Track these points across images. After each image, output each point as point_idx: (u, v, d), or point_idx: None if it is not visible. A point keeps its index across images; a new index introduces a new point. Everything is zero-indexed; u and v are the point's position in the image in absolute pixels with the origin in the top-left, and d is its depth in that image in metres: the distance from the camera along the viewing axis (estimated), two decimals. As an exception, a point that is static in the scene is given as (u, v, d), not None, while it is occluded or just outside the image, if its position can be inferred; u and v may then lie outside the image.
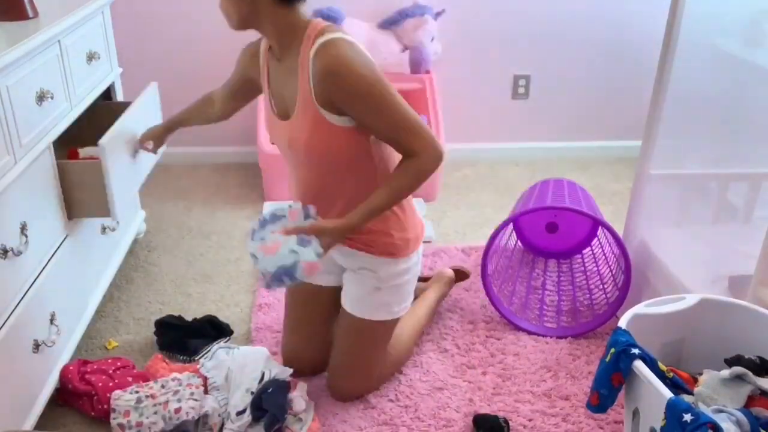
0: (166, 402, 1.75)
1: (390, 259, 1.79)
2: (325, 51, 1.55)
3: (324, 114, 1.59)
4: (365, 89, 1.55)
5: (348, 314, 1.86)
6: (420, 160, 1.62)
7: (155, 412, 1.73)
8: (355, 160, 1.68)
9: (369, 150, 1.68)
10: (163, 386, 1.81)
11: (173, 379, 1.83)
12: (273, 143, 1.76)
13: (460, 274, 2.37)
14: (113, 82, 2.37)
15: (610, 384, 1.44)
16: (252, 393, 1.81)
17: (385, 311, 1.85)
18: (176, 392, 1.78)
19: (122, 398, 1.77)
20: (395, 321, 1.90)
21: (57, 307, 1.83)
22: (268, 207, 1.73)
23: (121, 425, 1.73)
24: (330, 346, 1.96)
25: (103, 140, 1.86)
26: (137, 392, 1.78)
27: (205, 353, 2.04)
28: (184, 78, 3.12)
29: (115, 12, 2.40)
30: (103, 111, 2.26)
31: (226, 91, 1.94)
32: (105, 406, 1.81)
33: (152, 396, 1.77)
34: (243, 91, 1.91)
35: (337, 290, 1.92)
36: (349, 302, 1.87)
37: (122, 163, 1.98)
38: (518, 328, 2.21)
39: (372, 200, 1.64)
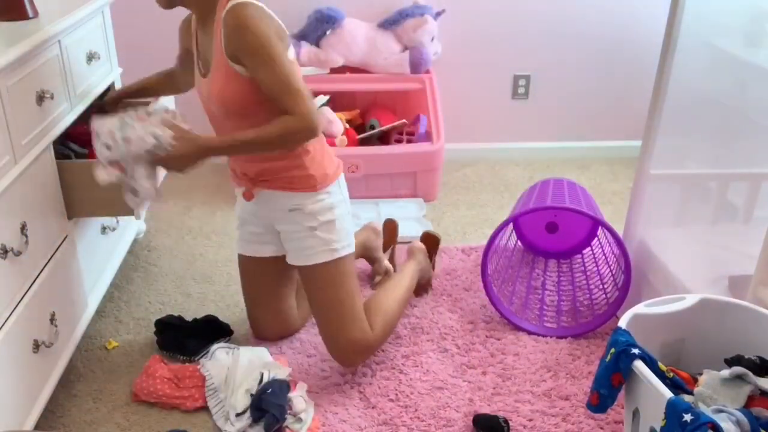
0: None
1: (312, 193, 1.90)
2: (232, 11, 1.72)
3: (233, 66, 1.75)
4: (258, 45, 1.71)
5: (299, 269, 1.97)
6: (292, 119, 1.73)
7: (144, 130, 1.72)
8: (262, 109, 1.80)
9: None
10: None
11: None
12: (201, 100, 1.95)
13: (432, 239, 2.42)
14: (113, 82, 2.37)
15: (610, 384, 1.44)
16: (251, 394, 1.82)
17: (327, 250, 1.91)
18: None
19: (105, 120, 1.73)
20: (345, 260, 1.94)
21: (57, 307, 1.83)
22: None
23: (107, 145, 1.71)
24: (291, 311, 2.12)
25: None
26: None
27: (205, 353, 2.04)
28: (184, 78, 3.12)
29: (115, 12, 2.40)
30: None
31: (180, 66, 2.14)
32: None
33: (140, 119, 1.74)
34: (189, 62, 2.03)
35: (280, 259, 2.03)
36: (293, 256, 1.97)
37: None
38: (518, 328, 2.21)
39: (238, 134, 1.78)
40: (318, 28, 3.01)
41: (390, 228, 2.52)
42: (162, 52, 3.17)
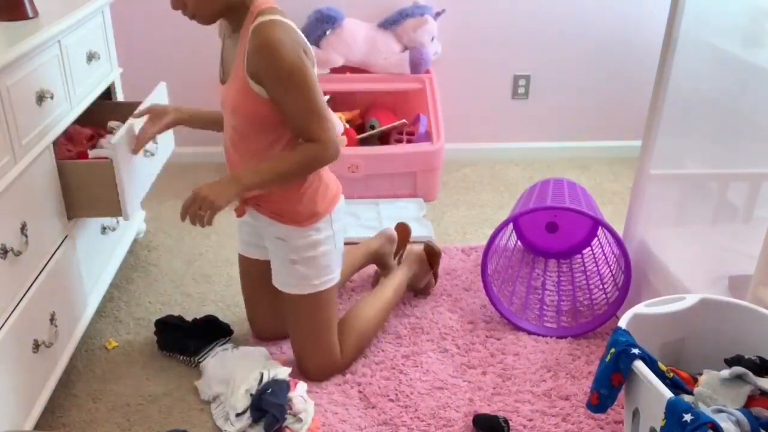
0: None
1: (297, 228, 1.87)
2: (260, 30, 1.67)
3: (252, 85, 1.72)
4: (286, 72, 1.67)
5: (278, 290, 1.97)
6: (316, 147, 1.74)
7: None
8: (272, 126, 1.78)
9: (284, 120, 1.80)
10: None
11: None
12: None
13: (431, 253, 2.37)
14: (113, 82, 2.37)
15: (610, 384, 1.44)
16: (251, 394, 1.81)
17: (305, 285, 1.91)
18: None
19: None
20: (323, 295, 1.93)
21: (57, 307, 1.83)
22: None
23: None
24: (276, 316, 2.08)
25: (114, 140, 1.86)
26: None
27: (205, 353, 2.04)
28: (184, 78, 3.12)
29: (115, 12, 2.40)
30: (104, 111, 2.26)
31: None
32: None
33: None
34: None
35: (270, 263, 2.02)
36: (273, 276, 1.97)
37: (133, 163, 1.98)
38: (518, 328, 2.21)
39: (264, 163, 1.77)
40: (318, 28, 3.01)
41: (402, 232, 2.46)
42: (162, 52, 3.18)
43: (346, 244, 2.07)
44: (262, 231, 1.96)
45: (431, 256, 2.35)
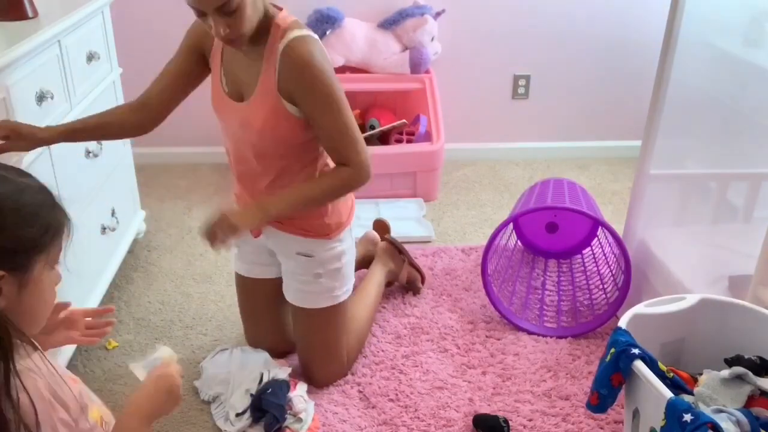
0: None
1: (325, 240, 1.83)
2: (295, 48, 1.61)
3: (285, 105, 1.66)
4: (324, 93, 1.63)
5: (295, 307, 1.92)
6: (351, 171, 1.70)
7: None
8: (302, 149, 1.74)
9: (315, 141, 1.75)
10: None
11: None
12: (219, 118, 1.81)
13: (381, 225, 2.41)
14: (113, 82, 2.37)
15: (610, 384, 1.44)
16: (251, 394, 1.81)
17: (328, 297, 1.89)
18: None
19: None
20: (343, 305, 1.93)
21: (57, 307, 1.83)
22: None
23: None
24: (287, 327, 2.03)
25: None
26: None
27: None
28: (184, 78, 3.12)
29: (115, 12, 2.40)
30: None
31: (165, 81, 1.82)
32: None
33: None
34: (188, 72, 1.81)
35: (278, 280, 1.97)
36: (292, 294, 1.92)
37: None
38: (518, 328, 2.21)
39: (293, 189, 1.74)
40: (318, 28, 3.00)
41: (380, 228, 2.47)
42: (162, 52, 3.17)
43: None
44: (276, 249, 1.90)
45: (381, 230, 2.40)
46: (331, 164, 1.79)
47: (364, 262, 2.35)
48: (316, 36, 1.67)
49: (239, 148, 1.78)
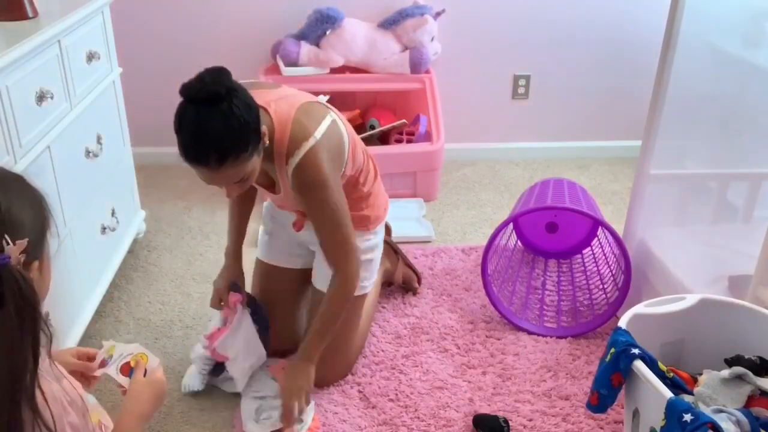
0: None
1: (362, 232, 1.92)
2: (300, 173, 1.69)
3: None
4: (323, 208, 1.73)
5: (319, 291, 1.95)
6: (342, 288, 1.80)
7: None
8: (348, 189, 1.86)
9: (356, 182, 1.89)
10: None
11: None
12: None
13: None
14: (113, 82, 2.37)
15: (610, 384, 1.44)
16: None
17: (360, 290, 1.92)
18: None
19: None
20: (365, 297, 1.99)
21: (57, 307, 1.83)
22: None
23: None
24: (297, 322, 2.08)
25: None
26: None
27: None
28: (184, 78, 3.11)
29: (115, 12, 2.40)
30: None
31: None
32: None
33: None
34: None
35: (301, 272, 2.03)
36: (321, 281, 1.94)
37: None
38: (518, 328, 2.21)
39: (312, 331, 1.83)
40: (318, 28, 3.01)
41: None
42: (162, 52, 3.18)
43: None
44: (313, 239, 1.90)
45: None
46: (371, 169, 1.97)
47: None
48: (319, 134, 1.70)
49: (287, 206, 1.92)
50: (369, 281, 1.99)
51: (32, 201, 1.05)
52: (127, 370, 1.28)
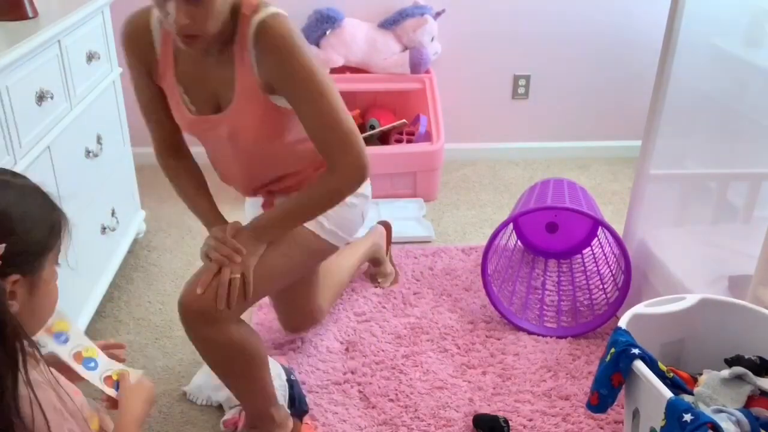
0: None
1: None
2: (266, 30, 1.42)
3: (273, 100, 1.50)
4: (304, 75, 1.44)
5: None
6: (336, 180, 1.52)
7: None
8: (309, 147, 1.57)
9: None
10: None
11: None
12: (200, 141, 1.70)
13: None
14: (113, 82, 2.37)
15: (610, 384, 1.44)
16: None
17: (316, 225, 1.67)
18: None
19: None
20: (324, 247, 1.73)
21: (56, 307, 1.82)
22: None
23: None
24: (315, 304, 2.01)
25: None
26: None
27: None
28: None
29: (115, 12, 2.40)
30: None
31: (160, 118, 1.70)
32: None
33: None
34: (162, 94, 1.63)
35: None
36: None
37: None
38: (518, 328, 2.21)
39: (280, 207, 1.59)
40: (318, 28, 3.01)
41: (385, 229, 2.50)
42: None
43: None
44: None
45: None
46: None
47: (371, 257, 2.39)
48: (285, 13, 1.47)
49: (236, 163, 1.65)
50: (328, 223, 1.69)
51: (40, 217, 1.03)
52: (111, 383, 1.28)
